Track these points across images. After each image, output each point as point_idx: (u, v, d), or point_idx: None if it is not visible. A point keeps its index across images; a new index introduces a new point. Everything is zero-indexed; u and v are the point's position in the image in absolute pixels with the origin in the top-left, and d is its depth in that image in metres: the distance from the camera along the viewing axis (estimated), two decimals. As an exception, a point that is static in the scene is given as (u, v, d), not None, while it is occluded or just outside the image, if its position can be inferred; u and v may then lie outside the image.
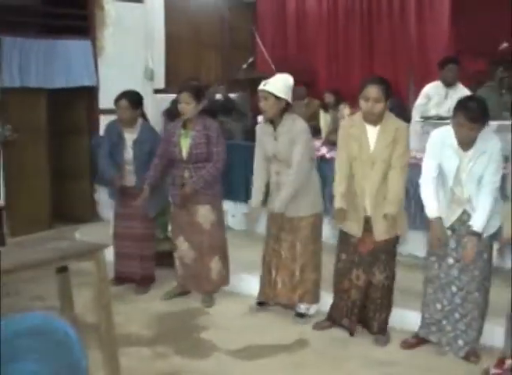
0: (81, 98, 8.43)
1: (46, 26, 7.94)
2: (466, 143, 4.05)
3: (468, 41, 8.97)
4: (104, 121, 8.26)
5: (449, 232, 4.24)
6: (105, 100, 8.30)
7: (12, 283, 3.18)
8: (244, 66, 9.74)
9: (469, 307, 4.24)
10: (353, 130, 4.48)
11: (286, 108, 4.85)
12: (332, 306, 4.86)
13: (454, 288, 4.28)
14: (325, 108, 9.33)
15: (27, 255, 3.11)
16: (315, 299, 5.09)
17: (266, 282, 5.15)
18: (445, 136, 4.17)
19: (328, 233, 5.72)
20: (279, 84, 4.82)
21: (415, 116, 7.07)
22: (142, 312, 5.29)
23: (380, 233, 4.45)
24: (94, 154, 8.23)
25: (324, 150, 6.58)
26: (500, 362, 4.01)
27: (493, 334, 4.41)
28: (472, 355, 4.31)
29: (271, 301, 5.23)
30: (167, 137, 5.36)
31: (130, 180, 5.67)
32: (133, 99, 5.55)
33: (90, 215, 8.31)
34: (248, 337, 4.76)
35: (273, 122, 4.90)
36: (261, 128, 5.06)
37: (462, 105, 4.04)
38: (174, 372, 4.24)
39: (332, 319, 4.87)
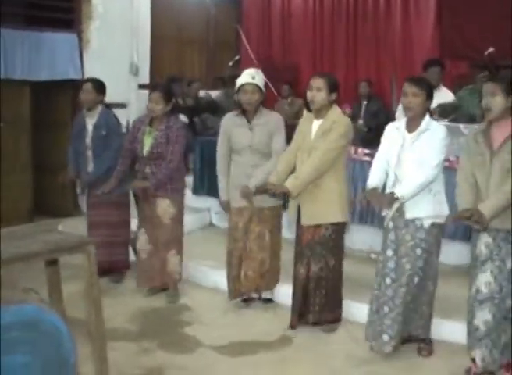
0: (65, 92, 8.37)
1: (32, 18, 7.89)
2: (410, 110, 4.19)
3: (452, 44, 9.09)
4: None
5: (391, 224, 4.33)
6: (89, 94, 8.30)
7: (7, 276, 3.17)
8: (230, 63, 9.76)
9: (397, 301, 4.27)
10: (304, 123, 4.80)
11: (262, 101, 5.10)
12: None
13: (388, 280, 4.32)
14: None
15: (20, 248, 3.11)
16: (277, 281, 5.33)
17: (236, 278, 5.20)
18: (397, 123, 4.46)
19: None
20: (261, 78, 5.07)
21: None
22: (127, 306, 5.30)
23: (306, 218, 4.65)
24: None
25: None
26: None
27: (444, 330, 4.56)
28: (424, 349, 4.46)
29: (241, 294, 5.31)
30: (132, 132, 5.52)
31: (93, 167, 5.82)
32: (96, 84, 5.79)
33: (71, 209, 8.26)
34: (232, 333, 4.80)
35: (245, 114, 5.06)
36: (232, 120, 5.17)
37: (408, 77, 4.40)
38: (159, 367, 4.26)
39: None
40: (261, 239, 5.12)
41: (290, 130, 5.16)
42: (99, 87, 5.79)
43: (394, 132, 4.36)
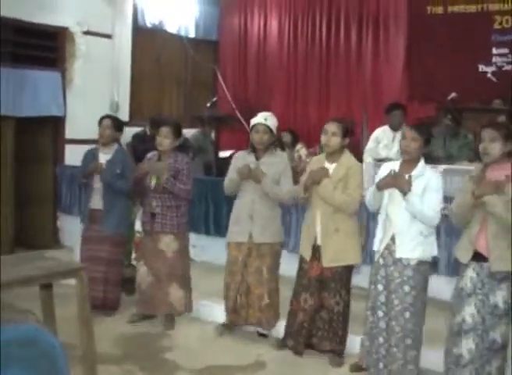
0: (47, 128, 8.61)
1: (17, 56, 8.11)
2: (407, 154, 4.43)
3: (420, 87, 9.56)
4: (69, 151, 8.52)
5: (381, 260, 4.53)
6: (71, 130, 8.59)
7: (5, 298, 3.40)
8: (208, 104, 10.04)
9: (389, 332, 4.47)
10: (316, 165, 5.02)
11: (273, 142, 5.42)
12: (285, 328, 5.22)
13: (380, 313, 4.55)
14: (282, 146, 9.69)
15: (17, 272, 3.35)
16: (277, 319, 5.45)
17: (232, 309, 5.43)
18: (390, 165, 4.67)
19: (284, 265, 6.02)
20: (274, 121, 5.39)
21: (367, 158, 7.43)
22: (110, 333, 5.49)
23: (327, 260, 4.89)
24: (59, 183, 8.43)
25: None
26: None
27: (429, 359, 4.70)
28: None
29: (237, 324, 5.55)
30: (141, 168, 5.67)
31: (98, 202, 5.95)
32: (116, 121, 6.05)
33: (52, 242, 8.43)
34: (209, 358, 5.04)
35: (255, 152, 5.37)
36: (243, 156, 5.47)
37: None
38: (141, 388, 4.50)
39: (284, 340, 5.23)
40: (259, 274, 5.31)
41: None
42: (118, 124, 6.03)
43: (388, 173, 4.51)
